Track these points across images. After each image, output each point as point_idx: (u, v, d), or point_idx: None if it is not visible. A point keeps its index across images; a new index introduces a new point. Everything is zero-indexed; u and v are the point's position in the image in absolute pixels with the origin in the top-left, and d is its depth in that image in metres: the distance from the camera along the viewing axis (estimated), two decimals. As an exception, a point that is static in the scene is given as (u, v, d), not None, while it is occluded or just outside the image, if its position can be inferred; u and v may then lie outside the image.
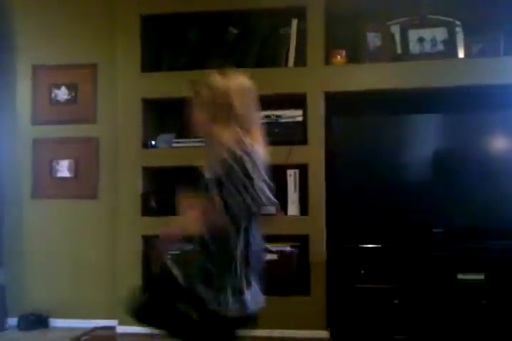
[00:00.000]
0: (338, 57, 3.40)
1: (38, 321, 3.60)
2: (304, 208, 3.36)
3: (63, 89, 3.76)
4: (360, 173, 3.35)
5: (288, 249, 3.31)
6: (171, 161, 3.44)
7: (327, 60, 3.40)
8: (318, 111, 3.35)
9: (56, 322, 3.66)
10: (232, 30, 3.51)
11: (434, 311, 3.03)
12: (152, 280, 1.97)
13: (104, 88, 3.72)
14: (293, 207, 3.38)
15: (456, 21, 3.37)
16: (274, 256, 3.26)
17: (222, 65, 2.11)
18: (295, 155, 3.32)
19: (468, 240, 3.15)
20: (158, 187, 3.59)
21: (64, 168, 3.73)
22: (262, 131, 1.95)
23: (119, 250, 3.49)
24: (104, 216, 3.65)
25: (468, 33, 3.36)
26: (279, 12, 3.46)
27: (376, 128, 3.39)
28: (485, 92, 3.24)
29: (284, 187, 3.37)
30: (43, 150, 3.75)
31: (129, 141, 3.52)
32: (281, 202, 3.39)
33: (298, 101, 3.37)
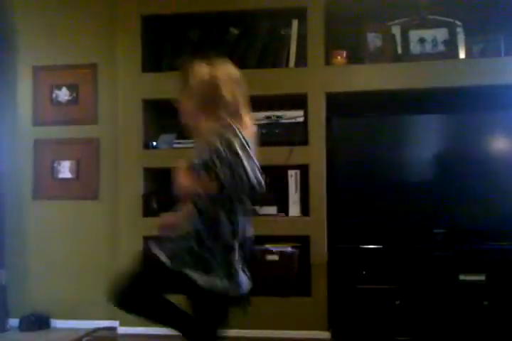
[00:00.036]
0: (339, 57, 3.40)
1: (40, 322, 3.60)
2: (305, 209, 3.35)
3: (64, 89, 3.75)
4: (361, 174, 3.35)
5: (289, 249, 3.31)
6: (172, 162, 3.42)
7: (328, 61, 3.40)
8: (319, 111, 3.35)
9: (57, 323, 3.65)
10: (233, 31, 3.50)
11: (435, 312, 3.04)
12: (137, 267, 1.99)
13: (104, 88, 3.71)
14: (294, 208, 3.38)
15: (457, 22, 3.37)
16: (275, 257, 3.27)
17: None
18: (296, 156, 3.32)
19: (469, 240, 3.15)
20: (159, 187, 3.58)
21: (65, 169, 3.72)
22: (250, 115, 2.00)
23: (120, 251, 3.48)
24: (106, 217, 3.65)
25: (469, 34, 3.36)
26: (280, 13, 3.46)
27: (377, 129, 3.39)
28: (486, 93, 3.24)
29: (285, 187, 3.38)
30: (44, 151, 3.75)
31: (130, 141, 3.51)
32: (282, 202, 3.41)
33: (299, 101, 3.37)
